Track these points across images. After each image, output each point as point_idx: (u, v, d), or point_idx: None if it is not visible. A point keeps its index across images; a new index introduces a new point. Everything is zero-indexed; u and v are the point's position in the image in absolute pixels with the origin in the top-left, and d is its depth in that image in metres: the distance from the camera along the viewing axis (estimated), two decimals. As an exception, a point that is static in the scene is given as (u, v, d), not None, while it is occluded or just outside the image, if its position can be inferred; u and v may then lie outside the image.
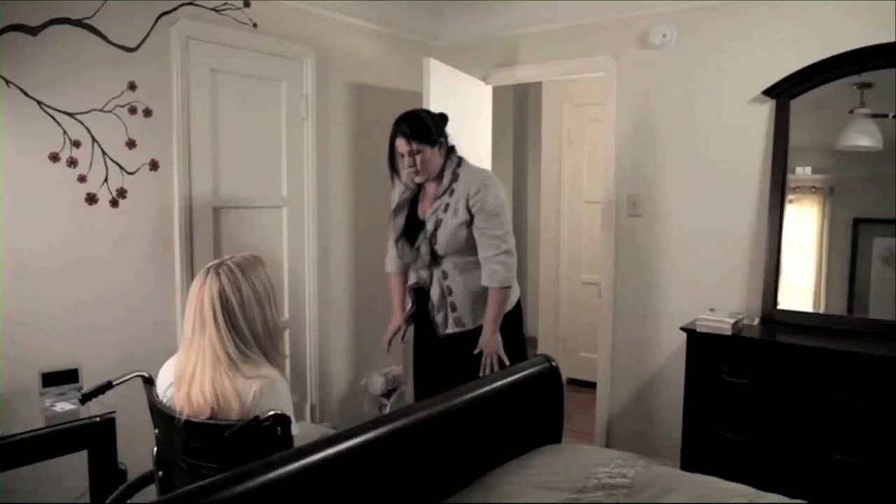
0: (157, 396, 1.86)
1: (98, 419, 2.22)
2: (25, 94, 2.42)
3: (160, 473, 1.90)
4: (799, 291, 3.13)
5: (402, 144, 2.55)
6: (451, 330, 2.64)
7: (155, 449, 1.91)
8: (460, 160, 2.64)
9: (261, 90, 3.24)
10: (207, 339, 1.71)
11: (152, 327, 2.85)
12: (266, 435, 1.63)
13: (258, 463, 1.44)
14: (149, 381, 1.90)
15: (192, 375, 1.72)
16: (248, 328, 1.74)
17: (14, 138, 2.41)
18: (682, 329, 3.00)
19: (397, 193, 2.72)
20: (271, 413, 1.63)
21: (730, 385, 2.83)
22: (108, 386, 1.95)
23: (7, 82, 2.38)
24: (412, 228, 2.67)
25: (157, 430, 1.88)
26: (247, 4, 3.10)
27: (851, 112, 2.90)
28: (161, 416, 1.80)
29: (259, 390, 1.68)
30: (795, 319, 3.02)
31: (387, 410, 3.70)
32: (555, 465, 1.96)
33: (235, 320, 1.72)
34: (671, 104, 3.36)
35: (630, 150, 3.51)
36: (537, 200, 5.22)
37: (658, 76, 3.39)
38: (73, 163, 2.55)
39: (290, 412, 1.71)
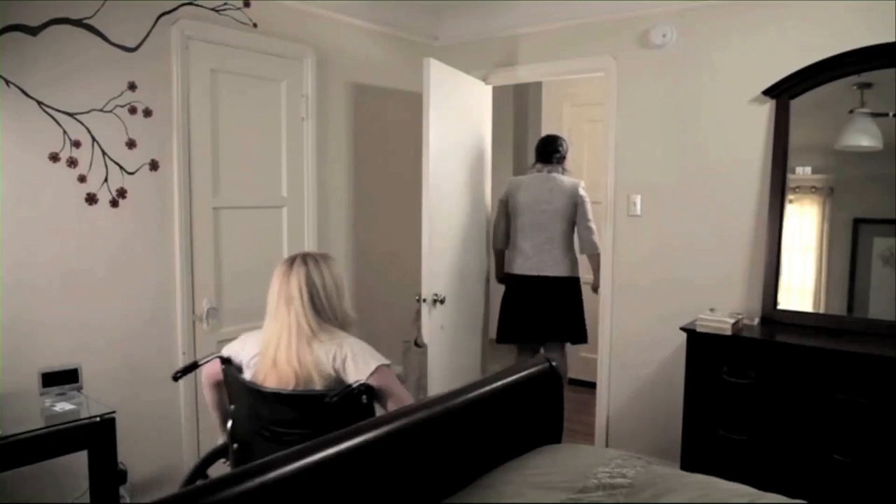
0: (240, 372, 2.05)
1: (98, 419, 2.22)
2: (25, 94, 2.42)
3: (234, 446, 2.08)
4: (799, 291, 3.13)
5: None
6: None
7: (230, 423, 2.09)
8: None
9: (261, 90, 3.24)
10: (293, 313, 1.95)
11: (152, 326, 2.85)
12: (355, 401, 1.88)
13: (258, 463, 1.44)
14: (226, 361, 2.09)
15: (277, 345, 1.94)
16: (329, 307, 2.01)
17: (14, 138, 2.41)
18: (682, 329, 3.00)
19: None
20: (361, 383, 1.89)
21: (730, 385, 2.83)
22: (195, 365, 2.18)
23: (7, 82, 2.38)
24: None
25: (233, 406, 2.08)
26: (247, 4, 3.10)
27: (851, 112, 2.90)
28: (246, 390, 1.99)
29: (336, 353, 1.95)
30: (795, 319, 3.02)
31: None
32: (554, 465, 1.96)
33: (317, 300, 1.98)
34: (671, 104, 3.36)
35: (630, 150, 3.50)
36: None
37: (658, 76, 3.39)
38: (73, 163, 2.55)
39: (370, 355, 1.97)
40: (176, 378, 2.16)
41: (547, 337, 3.80)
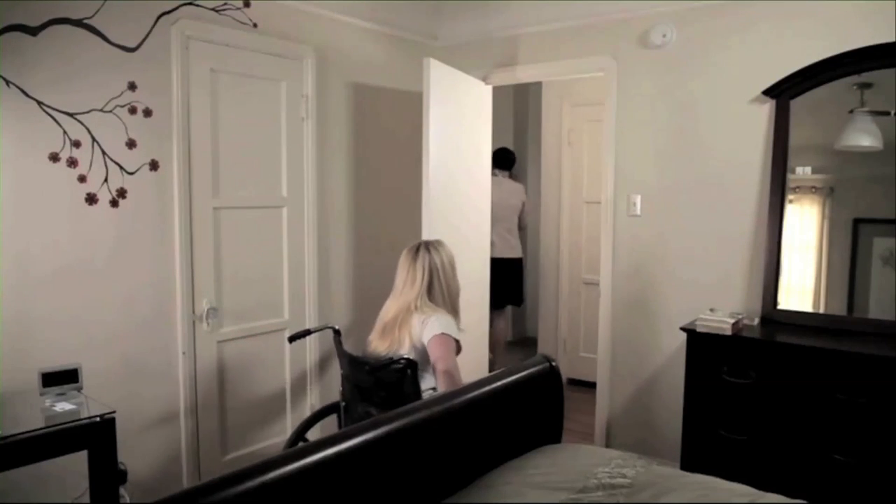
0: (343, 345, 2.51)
1: (98, 419, 2.22)
2: (25, 94, 2.42)
3: (343, 404, 2.52)
4: (799, 291, 3.13)
5: None
6: None
7: (341, 388, 2.55)
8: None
9: (261, 90, 3.23)
10: (414, 292, 2.36)
11: (152, 326, 2.85)
12: (401, 373, 2.22)
13: (258, 463, 1.45)
14: (337, 333, 2.52)
15: (388, 316, 2.36)
16: (447, 285, 2.42)
17: (14, 138, 2.41)
18: (682, 329, 3.00)
19: None
20: (404, 358, 2.24)
21: (730, 385, 2.83)
22: (308, 332, 2.63)
23: (7, 82, 2.38)
24: None
25: (342, 372, 2.51)
26: (247, 4, 3.10)
27: (851, 112, 2.90)
28: (350, 358, 2.42)
29: (424, 319, 2.31)
30: (795, 319, 3.02)
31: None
32: (554, 465, 1.96)
33: (436, 281, 2.40)
34: (671, 104, 3.36)
35: (630, 150, 3.51)
36: (537, 200, 5.22)
37: (658, 76, 3.39)
38: (73, 163, 2.55)
39: (452, 332, 2.30)
40: (291, 340, 2.64)
41: (507, 302, 4.89)
